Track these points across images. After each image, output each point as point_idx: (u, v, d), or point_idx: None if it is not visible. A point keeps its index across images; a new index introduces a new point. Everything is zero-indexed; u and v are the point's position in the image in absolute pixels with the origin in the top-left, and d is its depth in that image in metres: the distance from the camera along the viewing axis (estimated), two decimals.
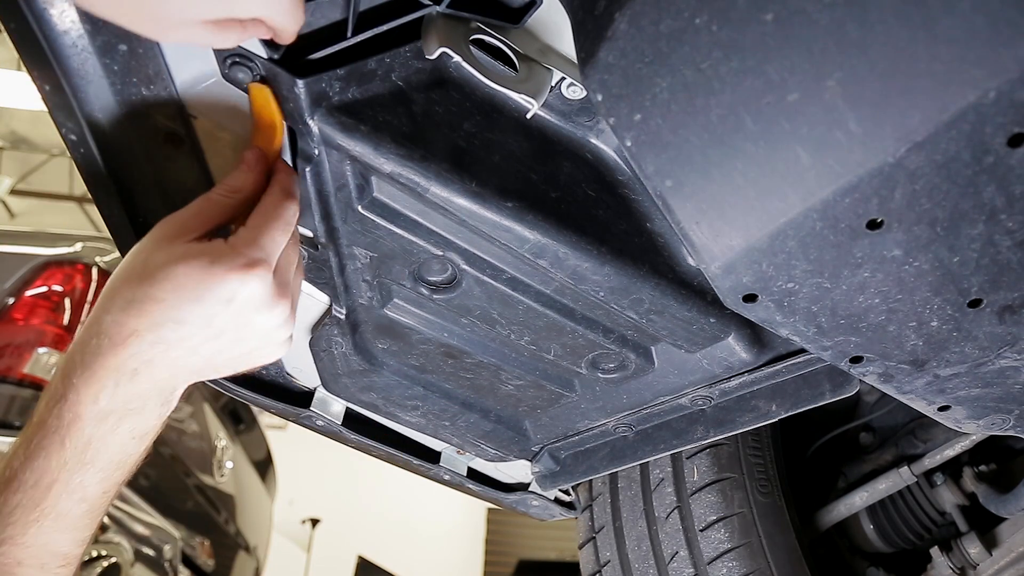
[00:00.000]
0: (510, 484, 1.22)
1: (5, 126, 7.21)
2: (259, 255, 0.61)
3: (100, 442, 0.59)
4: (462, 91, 0.68)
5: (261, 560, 3.43)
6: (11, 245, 2.07)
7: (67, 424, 0.58)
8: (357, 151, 0.62)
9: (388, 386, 0.97)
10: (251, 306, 0.61)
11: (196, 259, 0.58)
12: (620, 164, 0.75)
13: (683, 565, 1.06)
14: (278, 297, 0.63)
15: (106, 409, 0.59)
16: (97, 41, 0.58)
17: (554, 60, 0.69)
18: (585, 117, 0.73)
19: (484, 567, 7.18)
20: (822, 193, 0.48)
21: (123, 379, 0.59)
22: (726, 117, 0.49)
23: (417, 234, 0.73)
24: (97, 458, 0.60)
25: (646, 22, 0.49)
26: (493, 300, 0.80)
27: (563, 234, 0.68)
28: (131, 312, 0.58)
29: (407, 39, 0.64)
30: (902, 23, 0.41)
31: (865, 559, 1.29)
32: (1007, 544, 1.05)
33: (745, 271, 0.55)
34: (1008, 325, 0.56)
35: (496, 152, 0.68)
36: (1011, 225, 0.48)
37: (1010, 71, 0.40)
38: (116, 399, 0.59)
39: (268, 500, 3.59)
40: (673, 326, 0.76)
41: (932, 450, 1.17)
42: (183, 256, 0.59)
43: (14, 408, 1.83)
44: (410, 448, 1.11)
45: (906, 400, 0.68)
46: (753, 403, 0.89)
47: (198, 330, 0.60)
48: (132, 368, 0.59)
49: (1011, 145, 0.43)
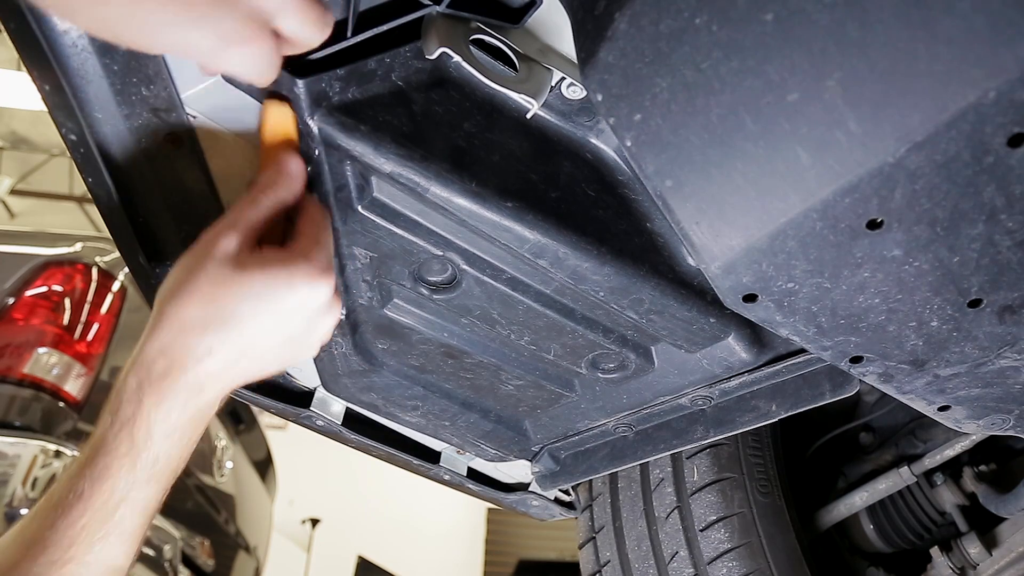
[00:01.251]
0: (510, 484, 1.22)
1: (5, 126, 7.21)
2: (325, 261, 0.63)
3: (167, 457, 0.60)
4: (462, 91, 0.68)
5: (261, 560, 3.43)
6: (11, 245, 2.07)
7: (139, 445, 0.59)
8: (357, 151, 0.62)
9: (388, 386, 0.97)
10: (321, 311, 0.63)
11: (271, 272, 0.60)
12: (620, 164, 0.75)
13: (683, 565, 1.06)
14: (336, 298, 0.65)
15: (175, 425, 0.60)
16: (97, 41, 0.58)
17: (554, 60, 0.69)
18: (585, 117, 0.73)
19: (484, 567, 7.18)
20: (822, 193, 0.48)
21: (192, 395, 0.59)
22: (726, 117, 0.49)
23: (417, 234, 0.73)
24: (164, 473, 0.61)
25: (646, 22, 0.49)
26: (493, 300, 0.80)
27: (563, 234, 0.68)
28: (205, 332, 0.59)
29: (407, 39, 0.64)
30: (902, 23, 0.41)
31: (865, 559, 1.29)
32: (1007, 544, 1.05)
33: (745, 271, 0.55)
34: (1008, 325, 0.56)
35: (496, 152, 0.68)
36: (1011, 225, 0.48)
37: (1010, 71, 0.40)
38: (185, 415, 0.60)
39: (268, 500, 3.59)
40: (673, 326, 0.76)
41: (932, 450, 1.16)
42: (257, 270, 0.59)
43: (14, 408, 1.83)
44: (410, 448, 1.11)
45: (906, 400, 0.68)
46: (753, 403, 0.89)
47: (272, 340, 0.62)
48: (201, 384, 0.60)
49: (1011, 145, 0.43)
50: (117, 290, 2.09)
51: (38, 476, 1.81)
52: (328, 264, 0.63)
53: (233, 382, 0.63)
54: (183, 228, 0.77)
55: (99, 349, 2.03)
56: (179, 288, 0.60)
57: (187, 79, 0.63)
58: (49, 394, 1.89)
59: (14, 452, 1.78)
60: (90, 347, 2.00)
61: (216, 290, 0.59)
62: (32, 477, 1.79)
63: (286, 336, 0.63)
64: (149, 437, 0.59)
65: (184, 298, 0.59)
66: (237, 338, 0.60)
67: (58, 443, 1.87)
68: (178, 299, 0.59)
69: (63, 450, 1.87)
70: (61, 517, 0.58)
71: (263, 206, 0.63)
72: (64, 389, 1.92)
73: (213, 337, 0.59)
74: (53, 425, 1.88)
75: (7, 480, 1.75)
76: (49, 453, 1.84)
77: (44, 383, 1.88)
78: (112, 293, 2.08)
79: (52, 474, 1.83)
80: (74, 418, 1.94)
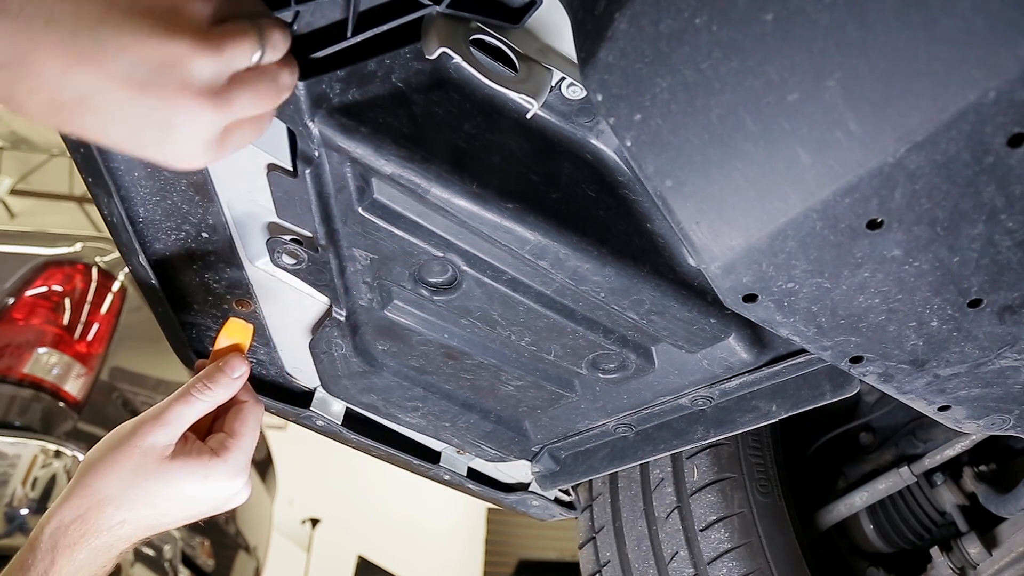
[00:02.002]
0: (510, 484, 1.22)
1: (5, 126, 7.21)
2: (245, 462, 0.73)
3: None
4: (462, 92, 0.68)
5: (261, 560, 3.43)
6: (11, 245, 2.07)
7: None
8: (358, 153, 0.62)
9: (388, 387, 0.97)
10: (230, 500, 0.74)
11: (191, 468, 0.69)
12: (620, 165, 0.75)
13: (683, 565, 1.06)
14: (248, 484, 0.75)
15: (83, 570, 0.68)
16: None
17: (554, 60, 0.69)
18: (585, 117, 0.73)
19: (484, 567, 7.18)
20: (822, 193, 0.48)
21: (101, 554, 0.69)
22: (726, 117, 0.49)
23: (418, 235, 0.73)
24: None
25: (646, 22, 0.49)
26: (494, 301, 0.80)
27: (564, 235, 0.68)
28: (120, 507, 0.68)
29: (407, 39, 0.64)
30: (902, 23, 0.41)
31: (865, 559, 1.29)
32: (1007, 544, 1.05)
33: (745, 271, 0.55)
34: (1008, 325, 0.56)
35: (496, 153, 0.68)
36: (1011, 225, 0.48)
37: (1010, 71, 0.40)
38: (93, 565, 0.69)
39: (268, 500, 3.59)
40: (674, 326, 0.76)
41: (932, 450, 1.16)
42: (179, 463, 0.69)
43: (14, 408, 1.83)
44: (410, 448, 1.11)
45: (906, 400, 0.68)
46: (753, 403, 0.89)
47: (180, 515, 0.72)
48: (110, 545, 0.69)
49: (1011, 145, 0.43)
50: (117, 290, 2.10)
51: (38, 476, 1.81)
52: (246, 465, 0.73)
53: (140, 539, 0.73)
54: (182, 228, 0.78)
55: (99, 349, 2.03)
56: (103, 464, 0.68)
57: None
58: (49, 394, 1.89)
59: (14, 452, 1.78)
60: (90, 347, 2.01)
61: (137, 474, 0.67)
62: (32, 477, 1.79)
63: (194, 513, 0.73)
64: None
65: (106, 474, 0.68)
66: (149, 513, 0.69)
67: (58, 443, 1.87)
68: (100, 474, 0.68)
69: (63, 450, 1.87)
70: None
71: (198, 407, 0.71)
72: (64, 389, 1.93)
73: (127, 512, 0.68)
74: (53, 425, 1.89)
75: (7, 480, 1.75)
76: (49, 453, 1.84)
77: (44, 383, 1.88)
78: (112, 293, 2.08)
79: (52, 474, 1.84)
80: (74, 418, 1.94)
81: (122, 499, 0.68)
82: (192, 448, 0.71)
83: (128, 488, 0.67)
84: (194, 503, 0.72)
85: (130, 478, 0.67)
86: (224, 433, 0.73)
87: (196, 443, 0.72)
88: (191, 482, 0.69)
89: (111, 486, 0.67)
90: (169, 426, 0.69)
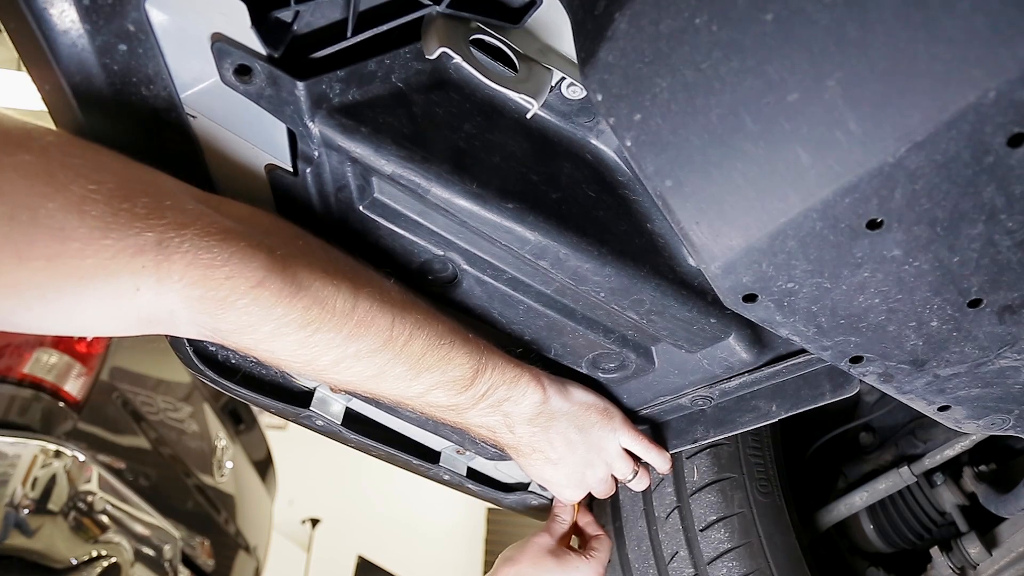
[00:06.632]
0: (510, 484, 1.22)
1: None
2: (600, 569, 1.00)
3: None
4: (462, 92, 0.68)
5: (261, 560, 3.43)
6: None
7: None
8: (358, 153, 0.62)
9: None
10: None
11: (567, 563, 0.98)
12: (620, 165, 0.75)
13: (683, 565, 1.06)
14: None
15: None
16: (97, 41, 0.58)
17: (554, 60, 0.69)
18: (585, 117, 0.73)
19: (484, 567, 7.18)
20: (822, 193, 0.48)
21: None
22: (726, 117, 0.49)
23: (418, 234, 0.73)
24: None
25: (646, 22, 0.49)
26: (493, 300, 0.80)
27: (564, 235, 0.68)
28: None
29: (407, 39, 0.64)
30: (902, 23, 0.41)
31: (865, 559, 1.29)
32: (1007, 544, 1.05)
33: (745, 271, 0.55)
34: (1008, 325, 0.56)
35: (496, 153, 0.68)
36: (1011, 225, 0.48)
37: (1010, 71, 0.40)
38: None
39: (268, 500, 3.59)
40: (674, 326, 0.76)
41: (932, 450, 1.16)
42: (558, 559, 0.98)
43: (14, 408, 1.83)
44: (410, 448, 1.10)
45: (906, 400, 0.68)
46: (753, 403, 0.90)
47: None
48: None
49: (1011, 145, 0.43)
50: None
51: (38, 476, 1.81)
52: (601, 570, 1.00)
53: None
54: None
55: (99, 349, 2.04)
56: (515, 556, 0.99)
57: (186, 79, 0.63)
58: (49, 394, 1.89)
59: (14, 452, 1.78)
60: (90, 347, 2.01)
61: (535, 566, 0.97)
62: (32, 477, 1.79)
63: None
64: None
65: (518, 562, 0.98)
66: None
67: (58, 443, 1.87)
68: (514, 562, 0.98)
69: (63, 450, 1.87)
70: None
71: (559, 527, 1.04)
72: (64, 389, 1.93)
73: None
74: (53, 425, 1.89)
75: (7, 480, 1.75)
76: (49, 453, 1.84)
77: (44, 383, 1.88)
78: None
79: (52, 474, 1.84)
80: (74, 418, 1.94)
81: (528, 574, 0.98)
82: (570, 553, 1.00)
83: (525, 568, 0.97)
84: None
85: (529, 564, 0.97)
86: (590, 548, 1.02)
87: (572, 551, 1.01)
88: (567, 572, 0.98)
89: (517, 568, 0.97)
90: (550, 534, 1.03)
